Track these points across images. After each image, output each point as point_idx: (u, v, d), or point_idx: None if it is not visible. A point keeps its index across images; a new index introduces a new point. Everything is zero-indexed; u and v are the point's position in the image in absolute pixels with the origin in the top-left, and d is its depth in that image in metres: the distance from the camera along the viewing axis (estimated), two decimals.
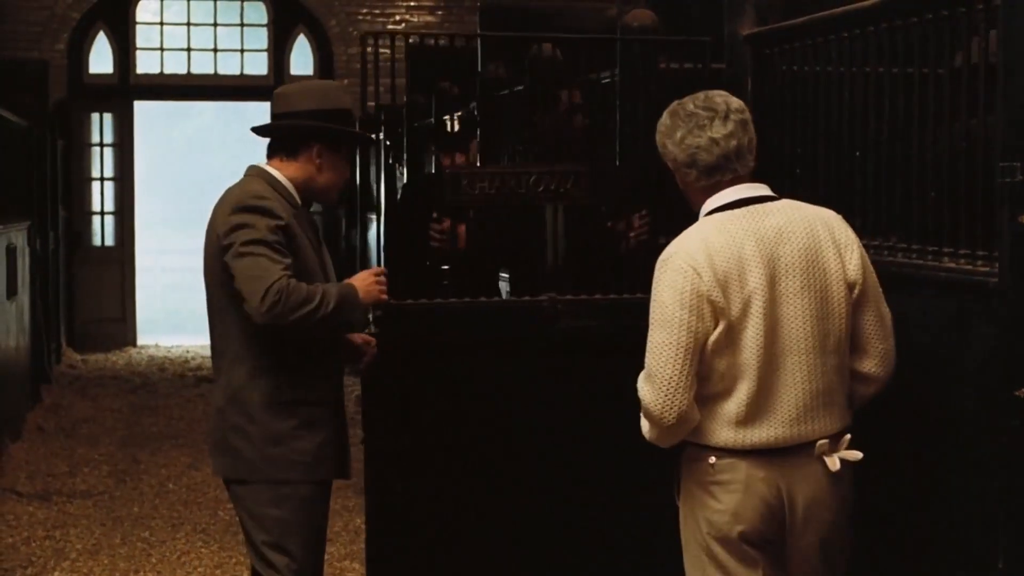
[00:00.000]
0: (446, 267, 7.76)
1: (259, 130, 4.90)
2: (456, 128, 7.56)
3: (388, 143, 13.25)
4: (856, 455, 4.08)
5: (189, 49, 16.75)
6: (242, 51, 16.70)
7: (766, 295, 3.94)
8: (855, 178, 4.77)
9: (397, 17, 16.59)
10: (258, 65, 16.72)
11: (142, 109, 17.16)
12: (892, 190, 4.56)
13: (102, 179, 16.73)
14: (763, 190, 4.12)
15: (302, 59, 16.81)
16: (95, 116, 16.50)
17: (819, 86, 5.03)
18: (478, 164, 7.62)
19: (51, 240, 14.13)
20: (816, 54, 5.05)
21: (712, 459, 4.01)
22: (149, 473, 9.68)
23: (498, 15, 11.43)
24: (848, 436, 4.09)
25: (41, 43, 15.80)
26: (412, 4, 16.63)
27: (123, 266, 16.75)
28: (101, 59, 16.40)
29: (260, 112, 17.45)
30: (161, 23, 16.82)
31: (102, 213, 16.73)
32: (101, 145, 16.60)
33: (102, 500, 8.86)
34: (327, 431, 4.75)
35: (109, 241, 16.77)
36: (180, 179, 44.26)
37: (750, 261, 3.95)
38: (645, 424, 4.06)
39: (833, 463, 4.04)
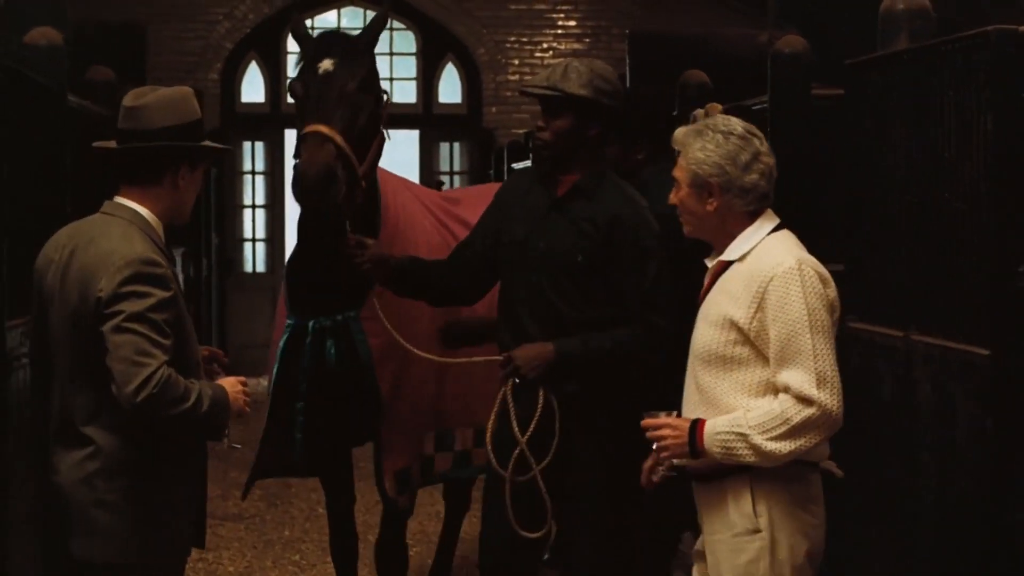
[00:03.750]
0: None
1: (119, 153, 4.26)
2: None
3: None
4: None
5: None
6: (391, 79, 16.83)
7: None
8: None
9: (544, 45, 16.63)
10: (407, 94, 16.84)
11: (293, 138, 17.32)
12: None
13: (254, 207, 16.97)
14: None
15: (450, 87, 16.91)
16: (247, 144, 16.71)
17: None
18: None
19: (204, 266, 14.35)
20: None
21: (811, 476, 4.02)
22: (299, 497, 9.77)
23: (647, 42, 11.46)
24: None
25: (195, 72, 16.06)
26: (560, 32, 16.67)
27: (274, 292, 16.92)
28: (253, 88, 16.64)
29: (410, 140, 17.62)
30: None
31: (253, 240, 16.97)
32: (253, 173, 16.82)
33: (254, 523, 8.96)
34: (196, 505, 4.45)
35: (260, 267, 16.99)
36: None
37: (825, 275, 4.00)
38: (793, 441, 3.84)
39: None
